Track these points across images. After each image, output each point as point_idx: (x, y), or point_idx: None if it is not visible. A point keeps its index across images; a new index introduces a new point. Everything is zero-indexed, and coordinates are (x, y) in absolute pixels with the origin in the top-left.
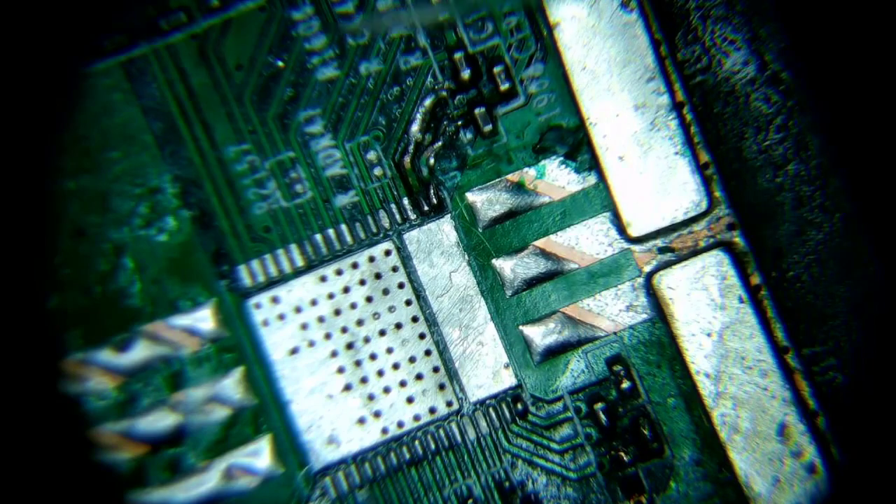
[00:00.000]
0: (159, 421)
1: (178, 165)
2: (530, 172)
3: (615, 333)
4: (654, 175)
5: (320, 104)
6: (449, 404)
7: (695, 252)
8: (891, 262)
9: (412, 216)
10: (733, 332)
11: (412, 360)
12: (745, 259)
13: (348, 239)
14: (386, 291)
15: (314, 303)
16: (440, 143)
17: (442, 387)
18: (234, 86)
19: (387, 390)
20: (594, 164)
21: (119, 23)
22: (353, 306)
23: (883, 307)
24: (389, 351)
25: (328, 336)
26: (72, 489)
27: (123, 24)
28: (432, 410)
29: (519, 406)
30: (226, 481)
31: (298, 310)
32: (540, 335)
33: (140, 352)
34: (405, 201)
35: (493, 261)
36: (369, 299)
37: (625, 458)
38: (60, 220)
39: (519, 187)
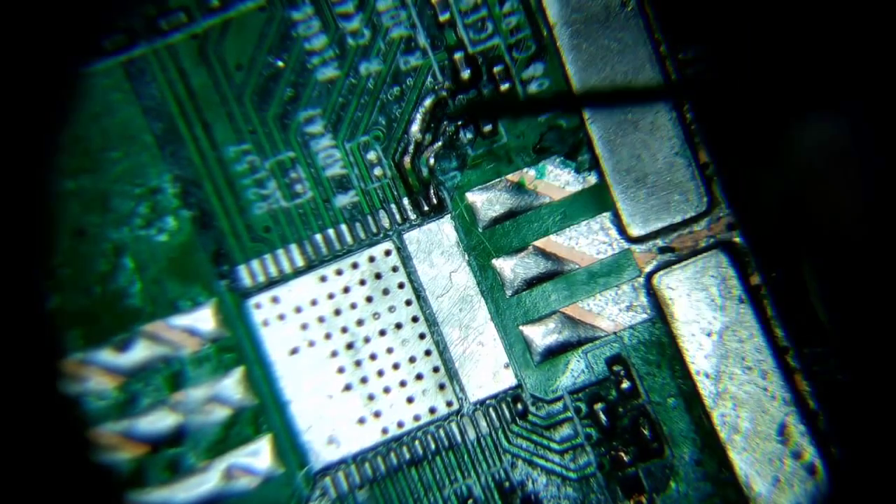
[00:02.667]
0: (159, 421)
1: (178, 165)
2: (530, 172)
3: (615, 333)
4: (654, 175)
5: (320, 104)
6: (449, 404)
7: (695, 252)
8: (891, 262)
9: (412, 216)
10: (733, 332)
11: (412, 360)
12: (745, 259)
13: (348, 239)
14: (386, 291)
15: (314, 303)
16: (440, 143)
17: (442, 387)
18: (234, 86)
19: (387, 390)
20: (594, 164)
21: (119, 23)
22: (353, 306)
23: (883, 306)
24: (389, 351)
25: (328, 336)
26: (72, 489)
27: (123, 24)
28: (432, 410)
29: (519, 406)
30: (226, 481)
31: (298, 310)
32: (540, 335)
33: (140, 352)
34: (405, 201)
35: (493, 261)
36: (369, 299)
37: (625, 458)
38: (60, 220)
39: (519, 187)
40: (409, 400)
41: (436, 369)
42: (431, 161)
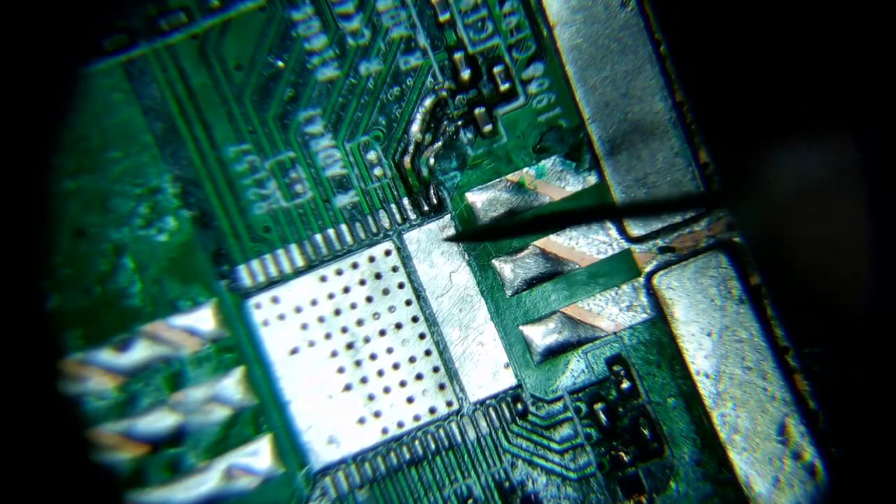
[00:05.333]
0: (159, 421)
1: (178, 165)
2: (530, 172)
3: (615, 333)
4: (654, 175)
5: (320, 104)
6: (449, 404)
7: (695, 252)
8: (890, 260)
9: (412, 216)
10: (733, 332)
11: (412, 360)
12: (745, 259)
13: (348, 239)
14: (386, 291)
15: (314, 303)
16: (440, 143)
17: (442, 387)
18: (234, 86)
19: (387, 390)
20: (594, 164)
21: (119, 23)
22: (353, 306)
23: (882, 305)
24: (389, 351)
25: (328, 336)
26: (72, 489)
27: (123, 24)
28: (432, 410)
29: (519, 406)
30: (226, 481)
31: (298, 310)
32: (540, 335)
33: (140, 352)
34: (405, 201)
35: (493, 261)
36: (369, 299)
37: (625, 458)
38: (60, 220)
39: (519, 187)
40: (409, 400)
41: (436, 369)
42: (431, 161)
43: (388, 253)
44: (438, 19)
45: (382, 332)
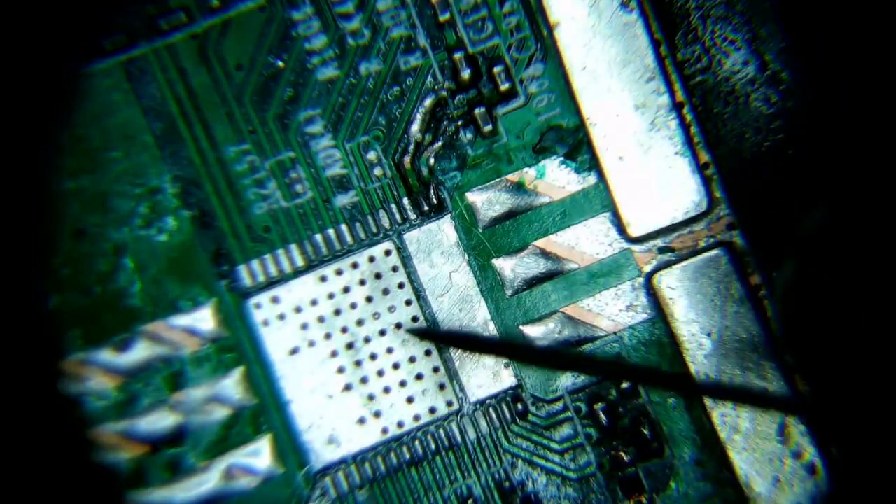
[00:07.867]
0: (159, 421)
1: (178, 165)
2: (530, 172)
3: (615, 333)
4: (654, 175)
5: (320, 104)
6: (449, 404)
7: (695, 252)
8: (889, 261)
9: (412, 216)
10: (733, 333)
11: (412, 360)
12: (745, 259)
13: (348, 239)
14: (386, 291)
15: (314, 303)
16: (440, 143)
17: (442, 387)
18: (234, 86)
19: (387, 390)
20: (594, 164)
21: (119, 23)
22: (353, 306)
23: (882, 304)
24: (389, 351)
25: (328, 336)
26: (72, 489)
27: (123, 24)
28: (432, 410)
29: (519, 406)
30: (226, 481)
31: (298, 310)
32: (540, 335)
33: (140, 352)
34: (405, 201)
35: (493, 261)
36: (369, 299)
37: (625, 458)
38: (60, 220)
39: (519, 187)
40: (409, 400)
41: (436, 369)
42: (431, 161)
43: (388, 253)
44: (438, 19)
45: (382, 332)
